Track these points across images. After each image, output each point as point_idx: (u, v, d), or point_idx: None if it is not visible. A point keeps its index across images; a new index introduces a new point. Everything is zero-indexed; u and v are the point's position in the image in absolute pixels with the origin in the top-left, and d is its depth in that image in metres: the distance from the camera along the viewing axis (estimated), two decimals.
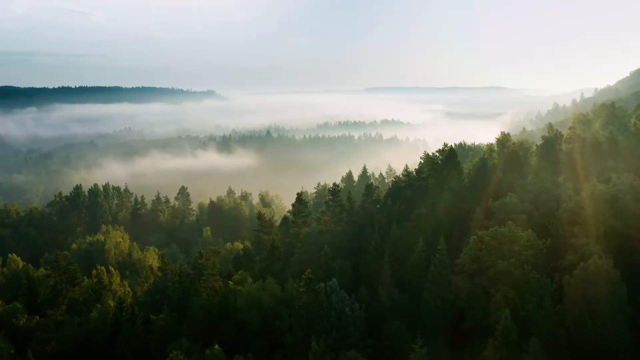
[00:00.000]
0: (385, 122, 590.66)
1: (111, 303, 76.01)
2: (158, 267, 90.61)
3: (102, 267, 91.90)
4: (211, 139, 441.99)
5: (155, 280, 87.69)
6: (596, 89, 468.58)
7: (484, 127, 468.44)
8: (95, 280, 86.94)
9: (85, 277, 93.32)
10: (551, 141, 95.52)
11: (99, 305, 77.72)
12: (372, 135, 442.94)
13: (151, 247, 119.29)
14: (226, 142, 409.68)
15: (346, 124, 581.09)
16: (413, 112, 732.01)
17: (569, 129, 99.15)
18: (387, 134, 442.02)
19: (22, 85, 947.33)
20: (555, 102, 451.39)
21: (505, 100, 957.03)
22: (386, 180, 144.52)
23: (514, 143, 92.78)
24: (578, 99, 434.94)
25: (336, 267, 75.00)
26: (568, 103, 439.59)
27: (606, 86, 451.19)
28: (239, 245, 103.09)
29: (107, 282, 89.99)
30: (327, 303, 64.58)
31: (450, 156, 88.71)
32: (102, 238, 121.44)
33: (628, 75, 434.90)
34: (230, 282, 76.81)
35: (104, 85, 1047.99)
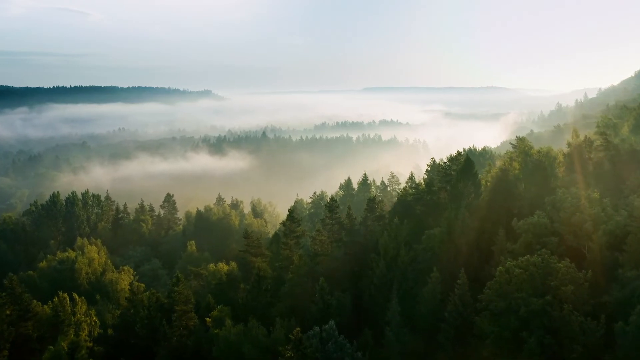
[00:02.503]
0: (383, 123, 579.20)
1: (64, 345, 63.49)
2: (126, 297, 78.17)
3: (65, 295, 79.46)
4: (205, 140, 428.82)
5: (122, 311, 75.26)
6: (600, 89, 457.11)
7: (485, 128, 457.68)
8: (52, 312, 74.38)
9: (50, 302, 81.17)
10: (579, 149, 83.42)
11: (51, 347, 65.17)
12: (371, 136, 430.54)
13: (126, 267, 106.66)
14: (220, 144, 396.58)
15: (344, 124, 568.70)
16: (412, 113, 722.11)
17: (599, 134, 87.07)
18: (385, 134, 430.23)
19: (18, 85, 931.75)
20: (558, 103, 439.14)
21: (505, 101, 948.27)
22: (388, 189, 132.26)
23: (538, 151, 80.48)
24: (581, 99, 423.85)
25: (333, 302, 62.77)
26: (568, 103, 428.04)
27: (610, 86, 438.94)
28: (223, 267, 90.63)
29: (69, 311, 77.63)
30: (322, 353, 52.30)
31: (467, 167, 76.49)
32: (73, 255, 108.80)
33: (633, 75, 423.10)
34: (208, 319, 64.59)
35: (100, 85, 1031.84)
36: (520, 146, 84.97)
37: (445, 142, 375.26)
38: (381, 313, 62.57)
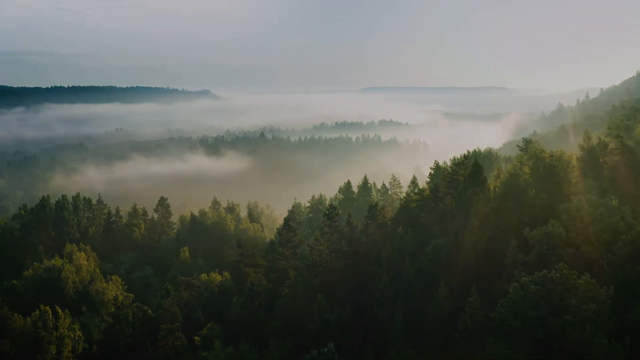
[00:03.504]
0: (383, 123, 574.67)
1: None
2: (109, 313, 73.32)
3: (47, 308, 74.66)
4: (203, 140, 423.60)
5: (107, 327, 70.38)
6: (601, 89, 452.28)
7: (486, 128, 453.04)
8: (32, 328, 69.46)
9: (33, 314, 76.29)
10: (594, 153, 78.64)
11: None
12: (371, 136, 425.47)
13: (114, 277, 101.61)
14: (217, 144, 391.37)
15: (343, 125, 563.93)
16: (411, 113, 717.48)
17: (614, 136, 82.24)
18: (385, 135, 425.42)
19: (15, 85, 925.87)
20: (559, 103, 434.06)
21: (504, 100, 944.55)
22: (390, 193, 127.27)
23: (551, 155, 75.62)
24: (582, 99, 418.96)
25: (332, 319, 57.94)
26: (568, 103, 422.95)
27: (612, 86, 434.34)
28: (216, 277, 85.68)
29: (51, 326, 72.76)
30: None
31: (475, 172, 71.60)
32: (60, 262, 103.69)
33: (635, 75, 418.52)
34: (196, 337, 59.77)
35: (98, 85, 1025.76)
36: (531, 150, 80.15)
37: (445, 143, 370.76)
38: (384, 331, 57.79)
